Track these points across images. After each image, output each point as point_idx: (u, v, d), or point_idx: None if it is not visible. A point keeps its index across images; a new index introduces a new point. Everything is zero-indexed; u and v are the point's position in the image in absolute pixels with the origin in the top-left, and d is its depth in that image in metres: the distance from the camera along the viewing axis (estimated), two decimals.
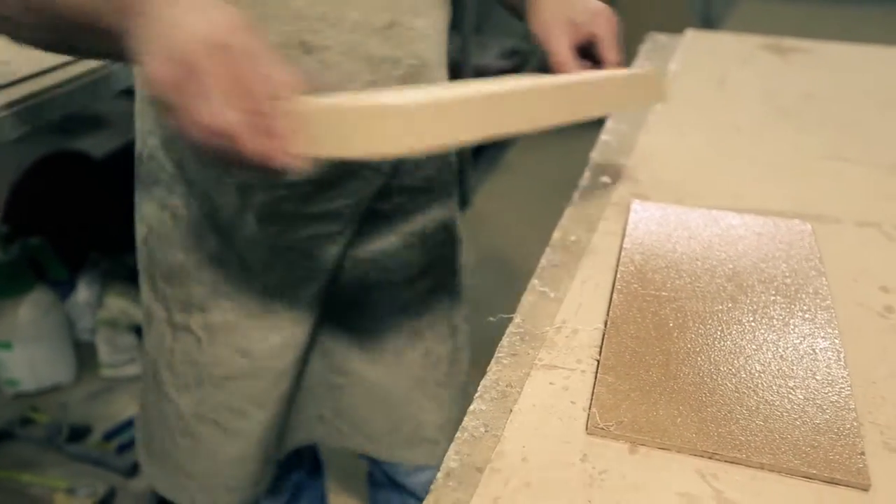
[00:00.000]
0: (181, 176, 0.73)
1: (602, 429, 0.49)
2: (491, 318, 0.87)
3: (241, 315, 0.76)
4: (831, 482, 0.46)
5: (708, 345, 0.56)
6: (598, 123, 0.93)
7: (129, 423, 1.36)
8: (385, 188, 0.76)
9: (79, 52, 0.68)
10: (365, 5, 0.66)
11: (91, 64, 0.92)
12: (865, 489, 0.46)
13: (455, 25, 2.84)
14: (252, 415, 0.79)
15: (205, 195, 0.73)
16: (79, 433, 1.33)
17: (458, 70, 2.44)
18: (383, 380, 0.88)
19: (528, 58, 3.24)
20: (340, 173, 0.72)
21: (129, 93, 0.92)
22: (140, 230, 0.80)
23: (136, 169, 0.78)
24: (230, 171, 0.70)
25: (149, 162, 0.75)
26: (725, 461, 0.47)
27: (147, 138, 0.75)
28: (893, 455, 0.48)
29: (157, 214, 0.76)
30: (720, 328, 0.57)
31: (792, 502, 0.45)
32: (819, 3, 4.51)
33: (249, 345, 0.77)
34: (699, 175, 0.80)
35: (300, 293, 0.77)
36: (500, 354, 0.57)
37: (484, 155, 2.90)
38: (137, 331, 1.46)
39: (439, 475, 0.47)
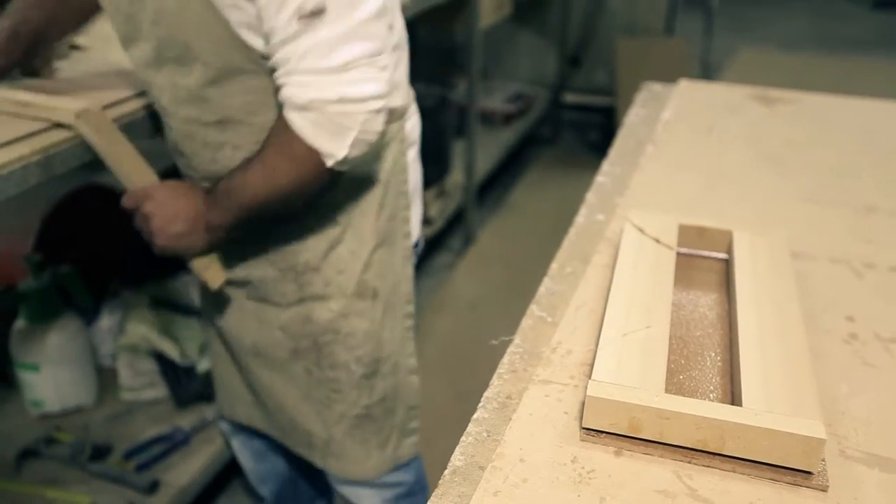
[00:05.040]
0: None
1: (591, 435, 0.55)
2: (493, 342, 0.94)
3: None
4: (794, 484, 0.52)
5: (689, 365, 0.62)
6: (597, 166, 1.01)
7: (148, 444, 1.42)
8: (256, 227, 0.94)
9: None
10: (195, 107, 0.90)
11: (131, 105, 1.01)
12: (824, 490, 0.52)
13: (462, 70, 2.95)
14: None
15: None
16: (100, 452, 1.39)
17: (464, 113, 2.54)
18: (272, 382, 1.07)
19: (533, 101, 3.35)
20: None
21: (158, 132, 1.02)
22: None
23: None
24: None
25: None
26: (700, 465, 0.53)
27: None
28: (849, 462, 0.55)
29: None
30: (700, 351, 0.64)
31: (757, 500, 0.51)
32: (815, 54, 4.64)
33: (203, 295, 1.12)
34: (687, 214, 0.87)
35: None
36: (500, 371, 0.63)
37: (489, 195, 2.99)
38: (156, 356, 1.52)
39: (446, 472, 0.53)
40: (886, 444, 0.56)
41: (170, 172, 1.05)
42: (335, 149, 0.83)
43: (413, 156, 1.07)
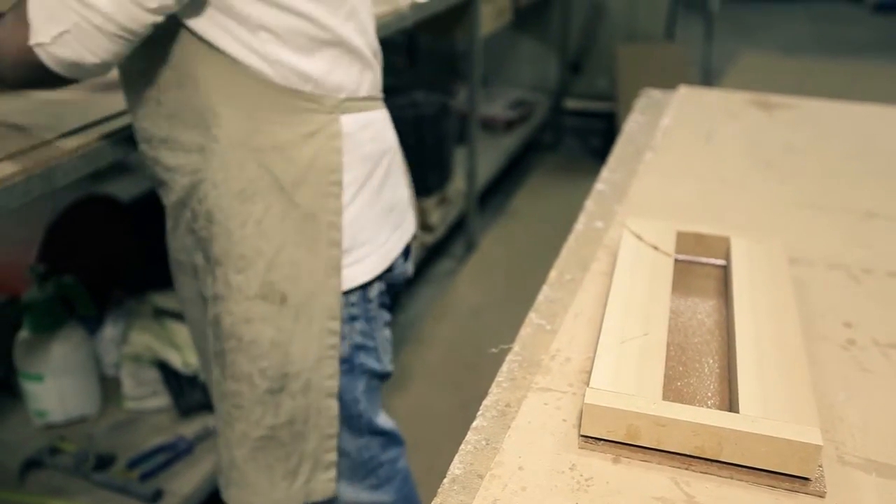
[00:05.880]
0: None
1: (589, 442, 0.56)
2: (493, 350, 0.94)
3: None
4: (792, 490, 0.53)
5: (687, 371, 0.63)
6: (599, 172, 1.01)
7: (151, 453, 1.42)
8: (191, 209, 0.95)
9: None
10: None
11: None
12: (822, 496, 0.52)
13: (463, 78, 2.96)
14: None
15: None
16: (104, 462, 1.39)
17: (466, 120, 2.55)
18: (222, 384, 1.00)
19: (534, 108, 3.35)
20: (154, 176, 0.98)
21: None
22: None
23: None
24: None
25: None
26: (698, 472, 0.54)
27: None
28: (846, 467, 0.55)
29: None
30: (698, 358, 0.64)
31: None
32: (816, 57, 4.64)
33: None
34: (686, 221, 0.88)
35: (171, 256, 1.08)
36: (499, 379, 0.64)
37: (490, 202, 3.00)
38: (160, 366, 1.53)
39: (445, 481, 0.54)
40: (884, 449, 0.56)
41: None
42: (41, 32, 0.79)
43: (376, 168, 0.98)
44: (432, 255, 2.57)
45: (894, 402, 0.61)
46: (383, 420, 1.09)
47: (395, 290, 1.07)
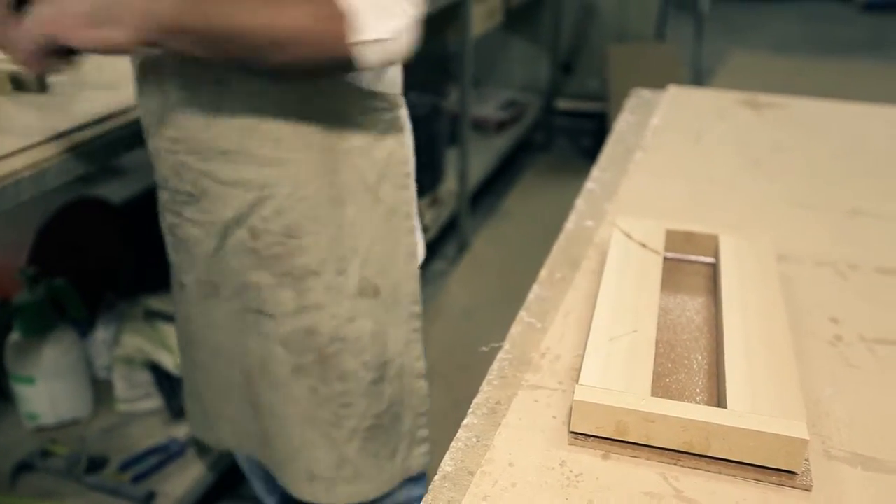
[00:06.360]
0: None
1: (579, 438, 0.56)
2: (483, 348, 0.95)
3: (184, 286, 1.01)
4: (779, 484, 0.53)
5: (676, 368, 0.63)
6: (588, 173, 1.02)
7: (143, 455, 1.42)
8: (251, 226, 0.90)
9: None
10: None
11: (129, 116, 1.02)
12: (808, 490, 0.53)
13: (455, 78, 2.96)
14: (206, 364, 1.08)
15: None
16: (96, 465, 1.39)
17: (457, 121, 2.55)
18: (278, 407, 1.00)
19: (526, 108, 3.36)
20: (197, 193, 0.90)
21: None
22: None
23: None
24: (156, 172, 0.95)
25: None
26: (686, 467, 0.54)
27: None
28: (832, 461, 0.55)
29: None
30: (687, 355, 0.65)
31: (743, 500, 0.52)
32: (806, 56, 4.67)
33: (187, 311, 1.04)
34: (675, 220, 0.88)
35: (187, 278, 0.99)
36: (490, 377, 0.64)
37: (482, 202, 3.00)
38: (152, 368, 1.53)
39: (436, 478, 0.54)
40: (869, 443, 0.57)
41: None
42: (370, 27, 0.74)
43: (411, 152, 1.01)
44: (425, 255, 2.57)
45: (880, 396, 0.62)
46: None
47: None
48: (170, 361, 1.52)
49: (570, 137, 3.66)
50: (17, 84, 1.05)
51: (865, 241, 0.86)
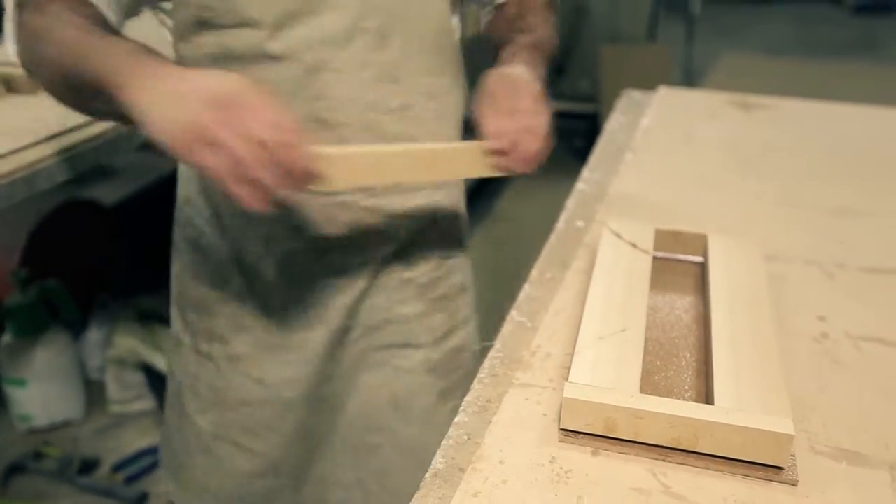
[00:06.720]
0: (215, 221, 0.81)
1: (569, 435, 0.57)
2: (475, 347, 0.95)
3: (258, 348, 0.83)
4: (765, 479, 0.54)
5: (665, 366, 0.64)
6: (577, 173, 1.02)
7: (136, 456, 1.42)
8: (407, 256, 0.84)
9: (98, 114, 0.75)
10: (380, 89, 0.75)
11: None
12: (794, 484, 0.53)
13: None
14: (265, 436, 0.85)
15: (234, 240, 0.80)
16: (89, 466, 1.39)
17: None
18: (417, 438, 0.90)
19: None
20: (352, 234, 0.79)
21: (143, 147, 1.02)
22: (175, 265, 0.88)
23: (175, 210, 0.86)
24: (256, 221, 0.78)
25: (186, 206, 0.84)
26: (674, 463, 0.55)
27: (188, 184, 0.83)
28: (818, 456, 0.56)
29: (190, 253, 0.85)
30: (676, 353, 0.66)
31: (730, 495, 0.52)
32: (797, 58, 4.69)
33: (263, 375, 0.84)
34: (665, 220, 0.89)
35: (311, 334, 0.83)
36: (481, 375, 0.65)
37: (476, 204, 3.01)
38: (144, 369, 1.53)
39: (427, 475, 0.55)
40: (854, 438, 0.58)
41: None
42: None
43: None
44: None
45: (865, 392, 0.63)
46: None
47: None
48: (162, 362, 1.52)
49: (562, 138, 3.64)
50: (9, 86, 1.05)
51: (853, 241, 0.86)
